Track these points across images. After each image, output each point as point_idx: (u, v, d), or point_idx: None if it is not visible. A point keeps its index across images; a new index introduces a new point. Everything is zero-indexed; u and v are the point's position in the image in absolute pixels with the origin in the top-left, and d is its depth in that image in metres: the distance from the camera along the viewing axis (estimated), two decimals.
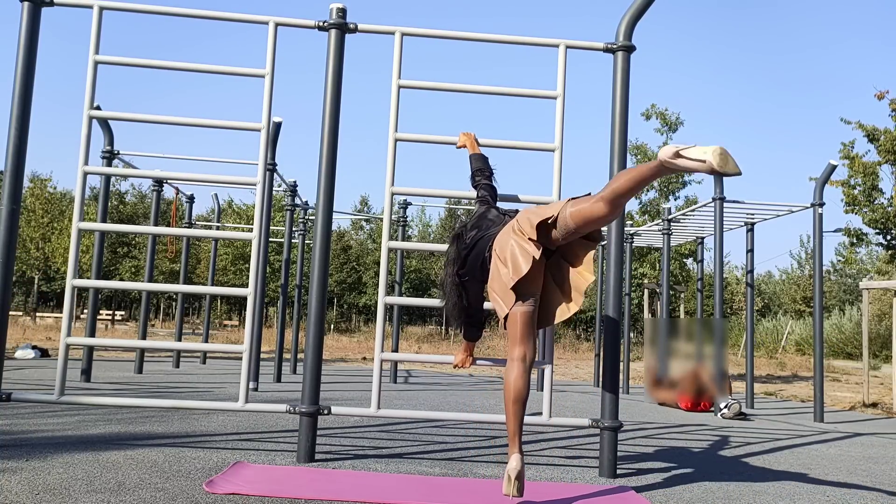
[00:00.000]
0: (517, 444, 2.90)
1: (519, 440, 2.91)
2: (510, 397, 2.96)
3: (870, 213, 12.73)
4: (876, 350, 21.42)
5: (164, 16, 4.09)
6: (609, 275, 4.10)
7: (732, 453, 4.84)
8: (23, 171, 3.94)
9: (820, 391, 7.75)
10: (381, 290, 4.01)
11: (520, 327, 3.04)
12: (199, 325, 27.97)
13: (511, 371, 3.00)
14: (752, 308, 9.71)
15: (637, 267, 21.20)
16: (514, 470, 2.81)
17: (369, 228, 39.80)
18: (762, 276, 45.00)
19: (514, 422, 2.93)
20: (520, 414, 2.95)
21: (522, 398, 2.96)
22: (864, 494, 3.70)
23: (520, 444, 2.91)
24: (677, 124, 20.66)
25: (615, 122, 4.10)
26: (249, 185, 4.88)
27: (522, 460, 2.87)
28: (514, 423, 2.93)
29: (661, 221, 10.11)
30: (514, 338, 3.05)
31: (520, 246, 3.01)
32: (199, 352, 12.44)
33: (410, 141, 4.17)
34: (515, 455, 2.86)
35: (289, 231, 9.50)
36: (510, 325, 3.06)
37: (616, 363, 3.97)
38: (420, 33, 4.15)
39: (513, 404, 2.95)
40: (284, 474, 3.38)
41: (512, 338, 3.06)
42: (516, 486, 2.81)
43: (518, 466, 2.83)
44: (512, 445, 2.90)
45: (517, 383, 2.97)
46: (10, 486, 2.85)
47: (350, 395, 7.59)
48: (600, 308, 12.18)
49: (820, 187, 8.08)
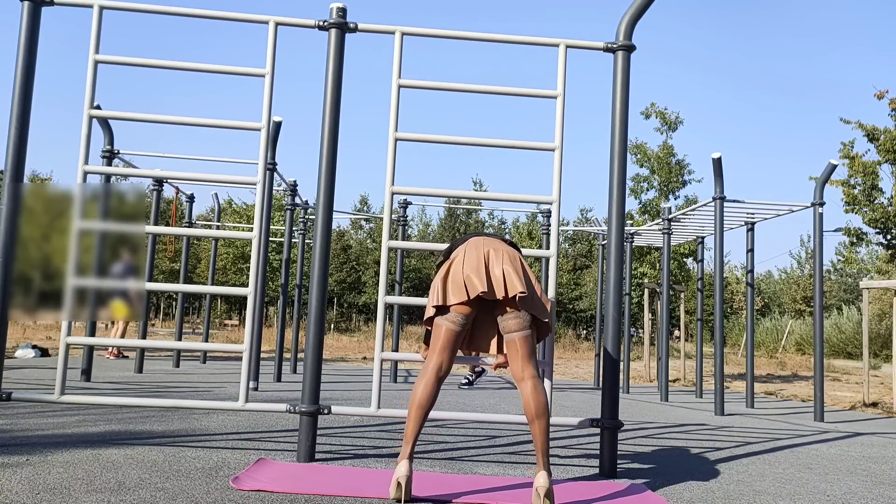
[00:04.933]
0: (409, 450, 2.93)
1: (412, 447, 2.94)
2: (415, 402, 3.00)
3: (870, 213, 12.73)
4: (876, 350, 21.43)
5: (164, 16, 4.09)
6: (609, 274, 4.10)
7: (732, 453, 4.84)
8: (23, 171, 3.94)
9: (820, 391, 7.75)
10: (382, 289, 4.01)
11: (441, 341, 3.07)
12: (200, 324, 27.98)
13: (422, 378, 3.05)
14: (752, 308, 9.71)
15: (637, 266, 21.19)
16: (403, 476, 2.84)
17: (369, 228, 39.81)
18: (762, 275, 45.01)
19: (412, 427, 2.97)
20: (420, 420, 2.98)
21: (426, 406, 3.00)
22: (863, 494, 3.70)
23: (411, 451, 2.93)
24: (677, 123, 20.66)
25: (615, 122, 4.10)
26: (249, 184, 4.88)
27: (411, 466, 2.89)
28: (413, 429, 2.97)
29: (661, 221, 10.10)
30: (433, 348, 3.10)
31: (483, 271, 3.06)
32: (200, 351, 12.44)
33: (410, 140, 4.17)
34: (405, 461, 2.88)
35: (289, 231, 9.50)
36: (434, 334, 3.11)
37: (616, 363, 3.97)
38: (420, 33, 4.15)
39: (416, 409, 2.99)
40: (306, 471, 3.43)
41: (432, 347, 3.10)
42: (405, 491, 2.83)
43: (406, 472, 2.85)
44: (404, 450, 2.93)
45: (425, 391, 3.01)
46: (10, 485, 2.85)
47: (350, 394, 7.59)
48: (600, 308, 12.18)
49: (820, 187, 8.08)
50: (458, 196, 4.19)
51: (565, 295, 34.62)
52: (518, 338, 3.05)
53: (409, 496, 2.86)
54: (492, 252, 3.12)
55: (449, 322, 3.06)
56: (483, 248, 3.14)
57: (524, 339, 3.06)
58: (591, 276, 33.81)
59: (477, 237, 3.27)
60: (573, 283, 35.44)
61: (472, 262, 3.08)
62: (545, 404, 3.00)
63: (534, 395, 3.00)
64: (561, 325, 34.54)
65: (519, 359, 3.05)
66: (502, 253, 3.12)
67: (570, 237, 38.12)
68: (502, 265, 3.07)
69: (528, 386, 3.02)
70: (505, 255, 3.12)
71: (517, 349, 3.06)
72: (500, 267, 3.06)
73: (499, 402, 7.54)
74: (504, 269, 3.05)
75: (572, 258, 37.58)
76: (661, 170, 20.09)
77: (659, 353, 10.12)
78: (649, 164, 20.30)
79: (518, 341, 3.05)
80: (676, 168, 20.26)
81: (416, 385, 3.05)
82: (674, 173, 20.17)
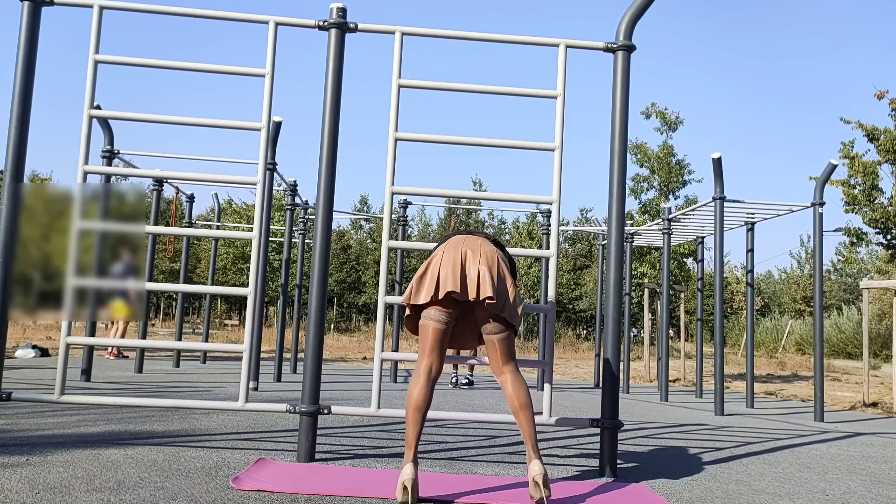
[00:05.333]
0: (413, 454, 2.95)
1: (414, 450, 2.97)
2: (411, 406, 3.04)
3: (870, 213, 12.74)
4: (876, 350, 21.43)
5: (163, 15, 4.09)
6: (609, 274, 4.10)
7: (732, 453, 4.85)
8: (23, 171, 3.94)
9: (820, 391, 7.75)
10: (382, 289, 4.01)
11: (429, 341, 3.13)
12: (200, 324, 27.98)
13: (415, 382, 3.09)
14: (752, 308, 9.71)
15: (637, 266, 21.21)
16: (408, 480, 2.86)
17: (369, 228, 39.81)
18: (762, 275, 45.00)
19: (412, 430, 3.01)
20: (419, 423, 3.02)
21: (422, 408, 3.04)
22: (863, 494, 3.70)
23: (415, 454, 2.96)
24: (677, 123, 20.68)
25: (615, 122, 4.10)
26: (249, 184, 4.88)
27: (416, 469, 2.91)
28: (413, 432, 3.00)
29: (661, 221, 10.10)
30: (422, 350, 3.15)
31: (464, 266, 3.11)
32: (200, 351, 12.44)
33: (410, 140, 4.17)
34: (409, 465, 2.91)
35: (289, 230, 9.50)
36: (421, 336, 3.17)
37: (616, 363, 3.97)
38: (420, 33, 4.15)
39: (413, 412, 3.03)
40: (306, 471, 3.43)
41: (421, 349, 3.16)
42: (411, 495, 2.85)
43: (412, 475, 2.87)
44: (407, 454, 2.96)
45: (420, 393, 3.05)
46: (10, 484, 2.85)
47: (350, 394, 7.60)
48: (600, 307, 12.18)
49: (820, 187, 8.08)
50: (458, 196, 4.19)
51: (565, 295, 34.62)
52: (496, 339, 3.17)
53: (416, 499, 2.87)
54: (469, 252, 3.16)
55: (434, 321, 3.13)
56: (462, 247, 3.18)
57: (502, 340, 3.18)
58: (591, 276, 33.82)
59: (458, 236, 3.30)
60: (573, 283, 35.43)
61: (449, 261, 3.13)
62: (527, 395, 3.11)
63: (514, 387, 3.12)
64: (561, 325, 34.53)
65: (498, 357, 3.18)
66: (480, 253, 3.15)
67: (570, 237, 38.12)
68: (478, 266, 3.11)
69: (507, 380, 3.15)
70: (483, 255, 3.15)
71: (496, 349, 3.18)
72: (477, 268, 3.11)
73: (499, 402, 7.54)
74: (479, 270, 3.10)
75: (572, 258, 37.58)
76: (661, 170, 20.10)
77: (659, 353, 10.12)
78: (649, 164, 20.32)
79: (497, 342, 3.18)
80: (676, 168, 20.28)
81: (409, 388, 3.09)
82: (674, 173, 20.18)
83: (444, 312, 3.13)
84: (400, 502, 2.86)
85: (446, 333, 3.16)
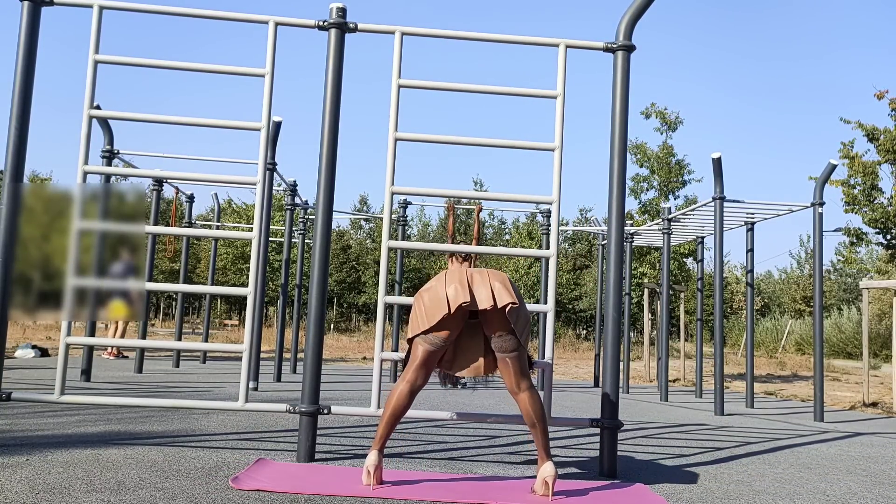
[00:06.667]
0: (380, 445, 3.17)
1: (382, 443, 3.19)
2: (389, 409, 3.21)
3: (870, 213, 12.75)
4: (876, 350, 21.42)
5: (163, 15, 4.09)
6: (609, 274, 4.10)
7: (732, 453, 4.85)
8: (23, 171, 3.94)
9: (820, 391, 7.75)
10: (381, 289, 4.01)
11: (419, 360, 3.25)
12: (199, 324, 27.98)
13: (398, 388, 3.23)
14: (752, 308, 9.71)
15: (637, 266, 21.21)
16: (371, 465, 3.10)
17: (369, 228, 39.81)
18: (762, 275, 45.00)
19: (385, 430, 3.21)
20: (392, 426, 3.22)
21: (399, 415, 3.22)
22: (863, 494, 3.70)
23: (382, 446, 3.18)
24: (677, 123, 20.68)
25: (615, 122, 4.10)
26: (249, 184, 4.88)
27: (380, 458, 3.14)
28: (385, 432, 3.20)
29: (660, 221, 10.10)
30: (410, 364, 3.28)
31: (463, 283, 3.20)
32: (199, 351, 12.45)
33: (410, 140, 4.17)
34: (374, 452, 3.14)
35: (289, 230, 9.50)
36: (413, 352, 3.28)
37: (616, 363, 3.97)
38: (420, 33, 4.15)
39: (390, 416, 3.21)
40: (306, 471, 3.43)
41: (410, 363, 3.29)
42: (374, 478, 3.09)
43: (375, 461, 3.11)
44: (375, 445, 3.17)
45: (399, 401, 3.22)
46: (10, 484, 2.85)
47: (350, 394, 7.60)
48: (600, 308, 12.18)
49: (820, 187, 8.08)
50: (458, 196, 4.20)
51: (565, 295, 34.61)
52: (510, 358, 3.25)
53: (379, 480, 3.14)
54: (476, 274, 3.27)
55: (428, 343, 3.24)
56: (466, 272, 3.28)
57: (515, 358, 3.25)
58: (590, 276, 33.80)
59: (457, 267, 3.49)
60: (573, 283, 35.42)
61: (454, 280, 3.23)
62: (542, 410, 3.26)
63: (532, 404, 3.24)
64: (561, 325, 34.52)
65: (513, 375, 3.26)
66: (486, 275, 3.26)
67: (570, 237, 38.12)
68: (489, 282, 3.23)
69: (524, 397, 3.25)
70: (492, 274, 3.27)
71: (509, 367, 3.26)
72: (489, 283, 3.22)
73: (499, 402, 7.54)
74: (493, 285, 3.22)
75: (572, 258, 37.58)
76: (661, 170, 20.11)
77: (659, 353, 10.12)
78: (649, 164, 20.33)
79: (510, 361, 3.25)
80: (676, 168, 20.29)
81: (391, 393, 3.24)
82: (674, 173, 20.19)
83: (440, 338, 3.23)
84: (365, 484, 3.11)
85: (437, 355, 3.28)
